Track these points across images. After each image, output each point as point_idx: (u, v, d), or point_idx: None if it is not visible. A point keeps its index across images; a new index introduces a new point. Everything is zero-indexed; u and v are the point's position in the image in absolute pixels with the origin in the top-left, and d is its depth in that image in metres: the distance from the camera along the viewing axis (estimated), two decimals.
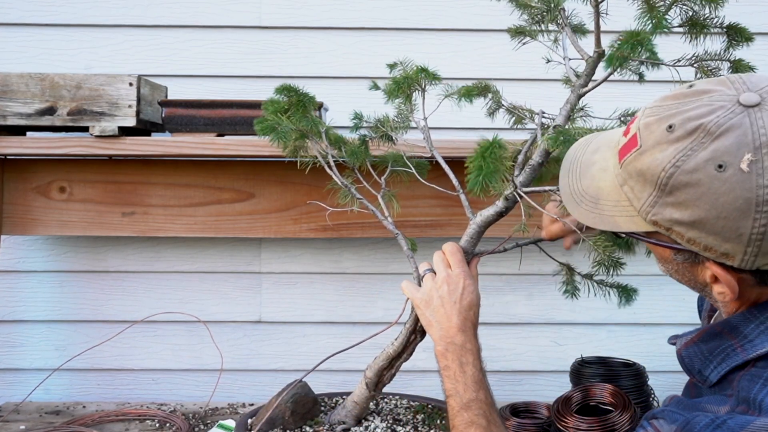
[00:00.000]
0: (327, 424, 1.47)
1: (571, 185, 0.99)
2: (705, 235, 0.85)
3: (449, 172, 1.38)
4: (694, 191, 0.84)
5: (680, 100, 0.88)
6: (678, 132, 0.85)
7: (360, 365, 1.51)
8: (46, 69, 1.93)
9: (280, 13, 2.10)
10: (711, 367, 0.93)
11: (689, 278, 0.95)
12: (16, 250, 2.09)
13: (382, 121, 1.48)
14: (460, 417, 1.17)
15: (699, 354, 0.95)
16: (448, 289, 1.24)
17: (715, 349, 0.93)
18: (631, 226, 0.92)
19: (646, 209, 0.89)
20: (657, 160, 0.86)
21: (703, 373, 0.95)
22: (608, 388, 1.61)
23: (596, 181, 0.96)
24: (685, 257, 0.91)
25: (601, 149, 0.98)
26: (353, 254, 2.13)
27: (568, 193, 1.00)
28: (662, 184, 0.86)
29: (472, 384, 1.19)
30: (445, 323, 1.23)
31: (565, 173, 1.01)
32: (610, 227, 0.94)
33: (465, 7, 2.09)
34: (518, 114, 1.41)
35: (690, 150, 0.84)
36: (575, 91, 1.25)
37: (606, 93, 1.35)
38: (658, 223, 0.88)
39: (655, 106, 0.90)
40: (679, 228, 0.87)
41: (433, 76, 1.39)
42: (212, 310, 2.11)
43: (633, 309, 2.14)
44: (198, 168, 1.93)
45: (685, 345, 0.98)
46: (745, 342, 0.91)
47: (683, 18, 1.18)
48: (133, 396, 2.11)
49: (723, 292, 0.90)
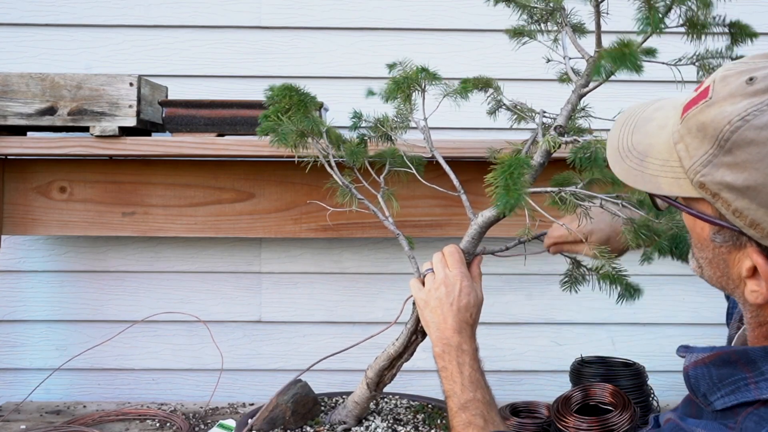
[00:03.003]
0: (327, 424, 1.47)
1: (621, 139, 0.90)
2: (755, 207, 0.76)
3: (449, 171, 1.38)
4: (757, 151, 0.74)
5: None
6: (758, 85, 0.76)
7: (360, 365, 1.51)
8: (47, 69, 1.93)
9: (280, 13, 2.10)
10: (718, 395, 0.84)
11: (722, 272, 0.85)
12: (17, 250, 2.09)
13: (382, 120, 1.48)
14: (459, 417, 1.18)
15: (708, 378, 0.85)
16: (446, 291, 1.24)
17: (726, 378, 0.84)
18: (674, 188, 0.82)
19: (697, 168, 0.79)
20: (725, 113, 0.77)
21: (708, 398, 0.85)
22: (608, 388, 1.61)
23: (649, 137, 0.87)
24: (725, 238, 0.82)
25: (664, 108, 0.90)
26: (353, 254, 2.13)
27: (615, 146, 0.91)
28: (723, 140, 0.76)
29: (469, 384, 1.19)
30: (441, 325, 1.23)
31: (618, 126, 0.93)
32: (650, 188, 0.85)
33: (465, 7, 2.10)
34: (519, 113, 1.41)
35: (766, 105, 0.75)
36: (576, 91, 1.25)
37: (607, 93, 1.35)
38: (705, 186, 0.79)
39: (739, 62, 0.82)
40: (727, 194, 0.77)
41: (434, 76, 1.39)
42: (212, 310, 2.11)
43: (633, 309, 2.15)
44: (198, 168, 1.93)
45: (694, 364, 0.88)
46: (760, 379, 0.81)
47: (683, 18, 1.18)
48: (134, 396, 2.11)
49: (758, 290, 0.80)
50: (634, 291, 1.40)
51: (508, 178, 1.07)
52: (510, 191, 1.07)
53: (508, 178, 1.08)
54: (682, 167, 0.82)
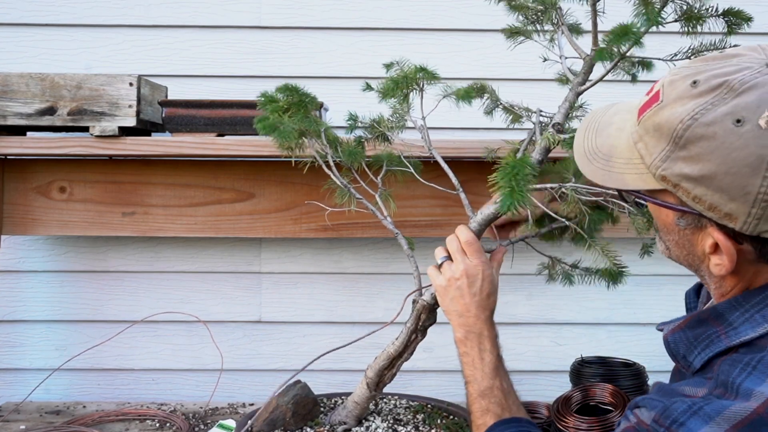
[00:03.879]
0: (328, 424, 1.47)
1: (586, 143, 1.00)
2: (711, 192, 0.85)
3: (448, 171, 1.38)
4: (707, 144, 0.84)
5: (708, 62, 0.88)
6: (701, 87, 0.85)
7: (360, 365, 1.51)
8: (47, 69, 1.93)
9: (280, 13, 2.10)
10: (695, 352, 0.94)
11: (688, 251, 0.95)
12: (17, 250, 2.09)
13: (378, 121, 1.47)
14: (477, 404, 1.21)
15: (684, 340, 0.96)
16: (467, 281, 1.26)
17: (700, 336, 0.94)
18: (639, 183, 0.92)
19: (657, 164, 0.89)
20: (676, 113, 0.86)
21: (687, 359, 0.96)
22: (608, 388, 1.62)
23: (611, 140, 0.97)
24: (687, 221, 0.92)
25: (621, 112, 1.00)
26: (353, 254, 2.13)
27: (582, 151, 1.00)
28: (677, 137, 0.86)
29: (489, 372, 1.22)
30: (464, 313, 1.25)
31: (581, 132, 1.02)
32: (618, 185, 0.95)
33: (464, 7, 2.10)
34: (515, 112, 1.42)
35: (710, 104, 0.84)
36: (573, 89, 1.26)
37: (604, 93, 1.35)
38: (666, 178, 0.89)
39: (682, 66, 0.91)
40: (686, 184, 0.87)
41: (432, 75, 1.39)
42: (212, 310, 2.11)
43: (633, 309, 2.15)
44: (198, 168, 1.93)
45: (672, 331, 0.99)
46: (729, 329, 0.92)
47: (678, 12, 1.19)
48: (134, 396, 2.11)
49: (720, 264, 0.90)
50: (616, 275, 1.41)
51: (512, 179, 1.08)
52: (515, 192, 1.08)
53: (512, 179, 1.08)
54: (644, 164, 0.91)
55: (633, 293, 2.13)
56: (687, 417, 0.84)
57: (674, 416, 0.84)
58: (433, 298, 1.39)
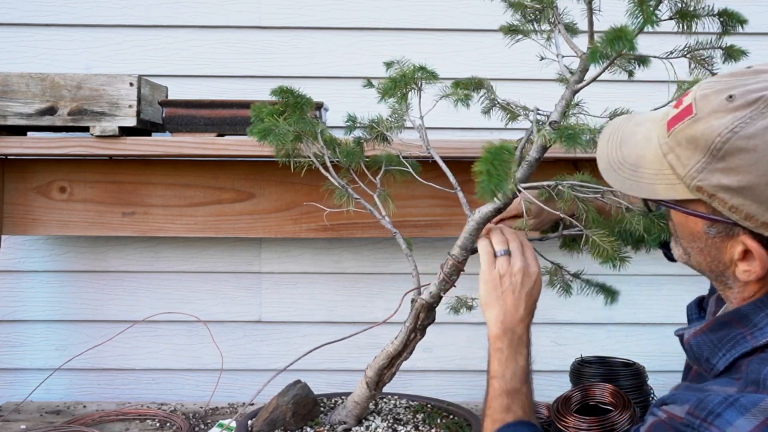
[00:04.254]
0: (328, 424, 1.47)
1: (610, 153, 1.02)
2: (749, 203, 0.88)
3: (446, 170, 1.38)
4: (748, 157, 0.87)
5: (738, 77, 0.91)
6: (738, 102, 0.88)
7: (360, 365, 1.51)
8: (47, 69, 1.93)
9: (280, 13, 2.10)
10: (719, 355, 0.96)
11: (713, 257, 0.97)
12: (17, 250, 2.09)
13: (377, 121, 1.47)
14: (500, 400, 1.19)
15: (708, 343, 0.98)
16: (522, 280, 1.24)
17: (725, 338, 0.96)
18: (670, 193, 0.95)
19: (692, 174, 0.91)
20: (712, 127, 0.89)
21: (710, 362, 0.97)
22: (608, 388, 1.61)
23: (638, 150, 0.99)
24: (718, 230, 0.94)
25: (645, 123, 1.02)
26: (353, 254, 2.13)
27: (606, 160, 1.02)
28: (715, 149, 0.89)
29: (521, 375, 1.21)
30: (511, 310, 1.23)
31: (604, 142, 1.04)
32: (648, 194, 0.97)
33: (464, 7, 2.10)
34: (512, 111, 1.42)
35: (749, 118, 0.87)
36: (570, 87, 1.26)
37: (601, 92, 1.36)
38: (702, 189, 0.91)
39: (712, 81, 0.94)
40: (724, 194, 0.89)
41: (431, 74, 1.39)
42: (212, 310, 2.11)
43: (633, 309, 2.15)
44: (198, 168, 1.93)
45: (694, 335, 1.01)
46: (755, 330, 0.93)
47: (673, 10, 1.19)
48: (134, 396, 2.11)
49: (750, 270, 0.93)
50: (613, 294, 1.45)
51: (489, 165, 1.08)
52: (492, 177, 1.07)
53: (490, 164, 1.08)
54: (675, 174, 0.94)
55: (633, 293, 2.13)
56: (723, 408, 0.84)
57: (710, 407, 0.85)
58: (432, 297, 1.39)
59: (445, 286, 1.37)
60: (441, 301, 1.41)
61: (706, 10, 1.19)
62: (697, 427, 0.86)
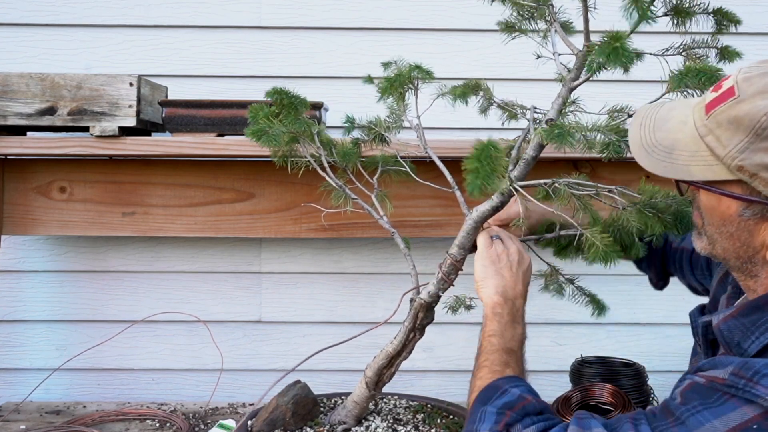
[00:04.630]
0: (327, 424, 1.47)
1: (643, 137, 1.03)
2: None
3: (444, 169, 1.38)
4: None
5: None
6: None
7: (360, 365, 1.51)
8: (47, 69, 1.93)
9: (280, 13, 2.10)
10: (752, 338, 0.96)
11: (743, 242, 0.98)
12: (17, 250, 2.09)
13: (375, 122, 1.48)
14: (499, 355, 1.19)
15: (740, 327, 0.98)
16: (519, 259, 1.30)
17: (757, 321, 0.96)
18: (706, 174, 0.96)
19: (733, 155, 0.92)
20: (758, 107, 0.90)
21: (741, 346, 0.97)
22: (608, 388, 1.61)
23: (673, 133, 1.00)
24: (754, 211, 0.95)
25: (678, 108, 1.03)
26: (353, 254, 2.13)
27: (638, 144, 1.03)
28: (760, 128, 0.90)
29: (518, 341, 1.23)
30: (510, 283, 1.27)
31: (636, 127, 1.05)
32: (682, 176, 0.99)
33: (465, 7, 2.10)
34: (510, 110, 1.42)
35: None
36: (566, 85, 1.26)
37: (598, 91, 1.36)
38: (744, 168, 0.92)
39: (753, 66, 0.96)
40: (766, 173, 0.90)
41: (427, 73, 1.39)
42: (212, 310, 2.11)
43: (633, 309, 2.15)
44: (198, 168, 1.93)
45: (724, 319, 1.01)
46: None
47: (668, 6, 1.19)
48: (134, 396, 2.11)
49: None
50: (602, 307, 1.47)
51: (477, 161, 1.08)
52: (479, 173, 1.07)
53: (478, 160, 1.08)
54: (713, 155, 0.95)
55: (633, 293, 2.13)
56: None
57: (756, 368, 0.86)
58: (430, 297, 1.39)
59: (443, 285, 1.37)
60: (439, 301, 1.41)
61: (701, 8, 1.19)
62: (742, 387, 0.86)
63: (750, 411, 0.86)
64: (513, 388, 1.09)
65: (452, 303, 1.43)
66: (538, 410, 1.05)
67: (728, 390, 0.88)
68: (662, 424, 0.92)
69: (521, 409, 1.05)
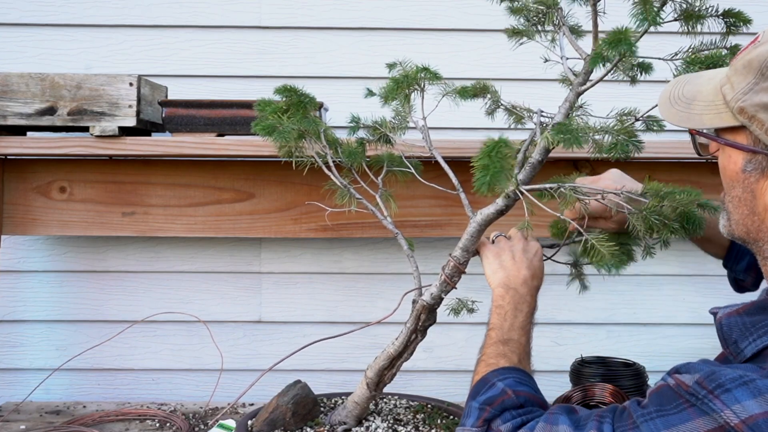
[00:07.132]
0: (328, 424, 1.47)
1: (673, 91, 1.04)
2: None
3: (449, 170, 1.38)
4: None
5: None
6: None
7: (360, 365, 1.51)
8: (46, 69, 1.93)
9: (280, 13, 2.10)
10: (749, 339, 0.92)
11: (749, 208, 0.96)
12: (17, 250, 2.09)
13: (380, 123, 1.48)
14: (495, 347, 1.19)
15: (740, 325, 0.94)
16: (522, 248, 1.30)
17: (758, 323, 0.92)
18: (715, 121, 0.96)
19: (738, 96, 0.92)
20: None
21: (738, 345, 0.93)
22: (608, 388, 1.61)
23: (698, 87, 1.01)
24: (755, 165, 0.93)
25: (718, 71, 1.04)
26: (353, 254, 2.13)
27: (667, 97, 1.04)
28: (765, 67, 0.89)
29: (518, 328, 1.22)
30: (513, 272, 1.27)
31: (673, 83, 1.06)
32: (694, 124, 0.99)
33: (465, 8, 2.10)
34: (517, 113, 1.42)
35: None
36: (574, 89, 1.26)
37: (605, 93, 1.36)
38: (744, 110, 0.91)
39: None
40: (763, 114, 0.89)
41: (434, 75, 1.39)
42: (212, 310, 2.11)
43: (633, 309, 2.15)
44: (198, 168, 1.93)
45: (728, 314, 0.97)
46: None
47: (678, 12, 1.19)
48: (134, 396, 2.11)
49: None
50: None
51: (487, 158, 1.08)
52: (489, 170, 1.07)
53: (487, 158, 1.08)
54: (725, 103, 0.95)
55: (633, 293, 2.13)
56: (735, 385, 0.82)
57: (720, 381, 0.83)
58: (433, 299, 1.38)
59: (446, 287, 1.37)
60: (442, 303, 1.41)
61: (711, 11, 1.18)
62: (702, 398, 0.83)
63: (702, 425, 0.83)
64: (499, 381, 1.09)
65: (454, 305, 1.43)
66: (518, 404, 1.05)
67: (689, 398, 0.85)
68: (623, 425, 0.91)
69: (500, 404, 1.05)
